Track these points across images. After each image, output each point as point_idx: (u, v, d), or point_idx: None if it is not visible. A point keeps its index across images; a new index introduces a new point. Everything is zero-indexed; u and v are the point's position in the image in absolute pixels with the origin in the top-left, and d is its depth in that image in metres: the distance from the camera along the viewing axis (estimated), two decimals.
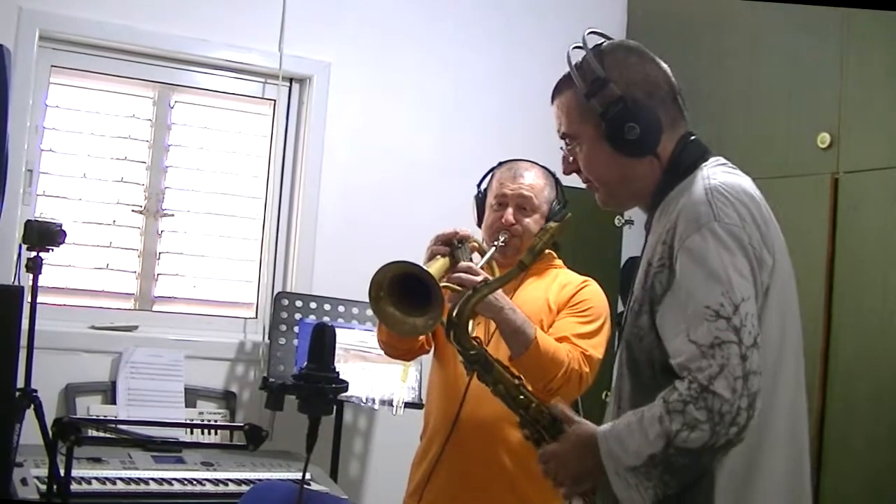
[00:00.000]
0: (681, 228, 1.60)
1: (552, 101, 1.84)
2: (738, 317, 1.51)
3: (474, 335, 1.87)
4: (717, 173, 1.69)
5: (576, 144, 1.79)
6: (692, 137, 1.77)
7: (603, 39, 1.80)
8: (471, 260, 2.43)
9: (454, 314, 1.85)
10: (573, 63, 1.77)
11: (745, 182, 1.69)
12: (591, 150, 1.77)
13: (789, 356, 1.65)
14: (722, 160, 1.76)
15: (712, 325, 1.51)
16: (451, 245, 2.41)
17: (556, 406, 1.78)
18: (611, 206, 1.84)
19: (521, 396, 1.81)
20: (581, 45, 1.77)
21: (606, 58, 1.74)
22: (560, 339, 2.40)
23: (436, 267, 2.30)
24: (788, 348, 1.65)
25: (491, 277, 2.37)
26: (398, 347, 2.60)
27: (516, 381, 1.83)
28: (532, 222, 2.56)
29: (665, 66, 1.78)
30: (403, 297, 2.15)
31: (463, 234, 2.45)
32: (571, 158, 1.81)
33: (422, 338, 2.57)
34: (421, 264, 2.26)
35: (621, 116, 1.70)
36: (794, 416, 1.65)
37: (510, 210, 2.55)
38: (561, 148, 1.85)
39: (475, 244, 2.52)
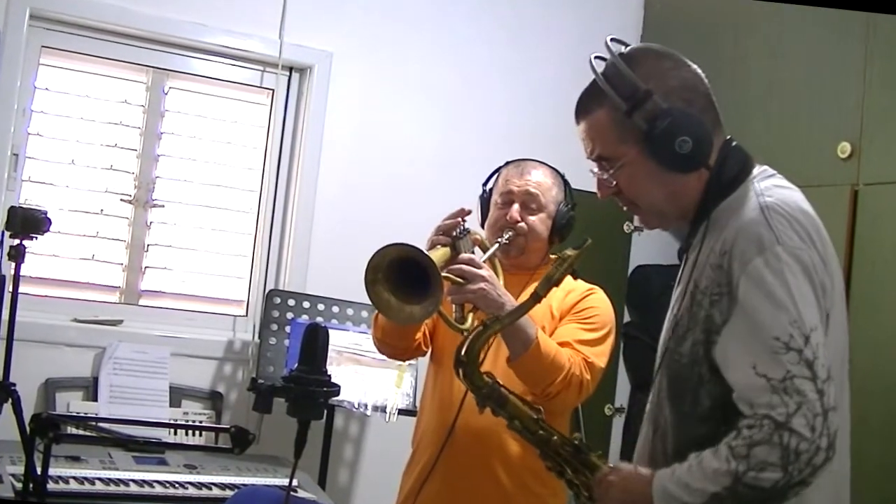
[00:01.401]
0: (740, 252, 1.55)
1: (577, 120, 1.75)
2: (810, 349, 1.48)
3: (485, 371, 1.82)
4: (769, 188, 1.64)
5: (616, 167, 1.70)
6: (734, 143, 1.72)
7: (621, 46, 1.72)
8: (472, 253, 2.43)
9: (462, 353, 1.80)
10: (601, 76, 1.68)
11: (798, 197, 1.65)
12: (636, 170, 1.69)
13: (842, 387, 1.61)
14: (769, 171, 1.71)
15: (783, 358, 1.48)
16: (452, 236, 2.41)
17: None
18: (656, 227, 1.79)
19: (541, 431, 1.76)
20: (602, 54, 1.69)
21: (638, 67, 1.67)
22: (562, 345, 2.40)
23: (436, 256, 2.29)
24: (841, 378, 1.61)
25: (492, 272, 2.38)
26: (394, 346, 2.60)
27: (534, 416, 1.77)
28: (538, 221, 2.56)
29: (696, 67, 1.73)
30: (401, 282, 2.14)
31: (467, 211, 2.44)
32: (614, 182, 1.72)
33: (419, 337, 2.57)
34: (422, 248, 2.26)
35: (671, 130, 1.63)
36: (841, 451, 1.59)
37: (515, 207, 2.56)
38: (592, 171, 1.76)
39: (478, 238, 2.53)
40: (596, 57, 1.70)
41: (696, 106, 1.68)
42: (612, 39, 1.71)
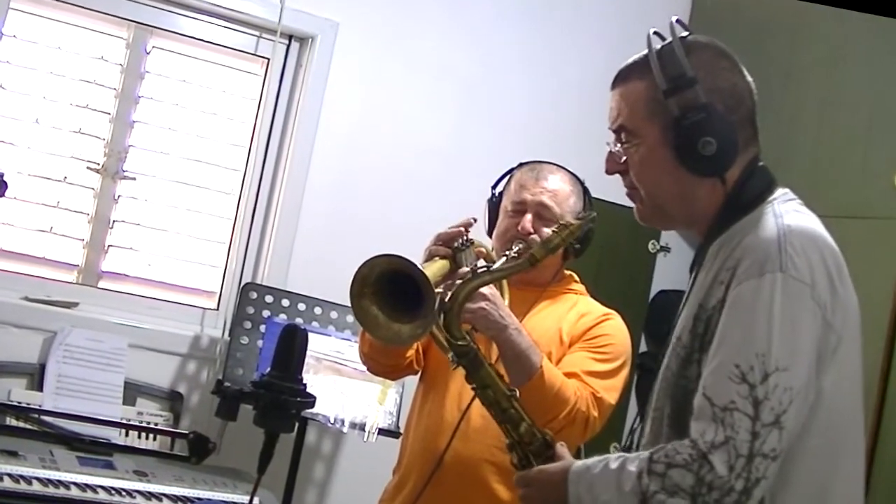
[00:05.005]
0: (742, 268, 1.63)
1: (612, 87, 1.83)
2: (765, 387, 1.55)
3: (468, 329, 1.90)
4: (789, 212, 1.71)
5: (633, 143, 1.78)
6: (760, 163, 1.79)
7: (683, 31, 1.80)
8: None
9: (447, 299, 1.88)
10: (654, 51, 1.76)
11: (817, 224, 1.72)
12: (650, 155, 1.76)
13: (853, 421, 1.70)
14: (790, 194, 1.78)
15: (732, 387, 1.56)
16: (453, 247, 2.41)
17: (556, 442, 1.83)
18: (651, 222, 1.86)
19: (512, 410, 1.84)
20: (662, 32, 1.78)
21: (693, 55, 1.75)
22: (569, 375, 2.40)
23: (433, 269, 2.29)
24: (850, 432, 1.69)
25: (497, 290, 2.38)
26: (382, 363, 2.60)
27: (508, 392, 1.85)
28: None
29: (751, 80, 1.81)
30: (391, 298, 2.14)
31: (468, 222, 2.44)
32: (623, 158, 1.80)
33: (410, 354, 2.57)
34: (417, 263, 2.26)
35: (699, 126, 1.70)
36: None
37: (528, 217, 2.56)
38: (608, 143, 1.84)
39: (482, 249, 2.52)
40: (654, 32, 1.79)
41: (735, 115, 1.75)
42: (677, 21, 1.80)
